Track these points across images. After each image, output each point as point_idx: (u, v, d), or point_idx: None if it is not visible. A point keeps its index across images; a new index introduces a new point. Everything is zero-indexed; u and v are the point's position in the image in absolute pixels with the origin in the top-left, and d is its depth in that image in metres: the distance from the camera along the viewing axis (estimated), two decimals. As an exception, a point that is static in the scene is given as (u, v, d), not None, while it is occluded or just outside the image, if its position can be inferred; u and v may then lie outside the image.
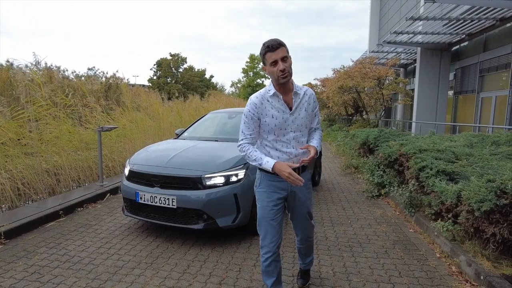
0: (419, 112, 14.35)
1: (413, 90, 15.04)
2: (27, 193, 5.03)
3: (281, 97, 2.14)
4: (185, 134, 4.94)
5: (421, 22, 12.26)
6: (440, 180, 3.66)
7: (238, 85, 48.63)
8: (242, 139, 2.20)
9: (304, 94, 2.22)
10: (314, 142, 2.26)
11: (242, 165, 3.55)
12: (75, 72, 15.61)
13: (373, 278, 2.86)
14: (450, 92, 14.68)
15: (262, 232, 2.25)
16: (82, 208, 4.68)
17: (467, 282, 2.74)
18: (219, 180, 3.41)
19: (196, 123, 5.23)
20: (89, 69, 21.82)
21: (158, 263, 3.11)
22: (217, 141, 4.40)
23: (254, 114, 2.16)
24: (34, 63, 5.46)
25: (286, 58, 2.02)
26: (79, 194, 5.01)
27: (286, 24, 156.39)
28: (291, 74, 2.06)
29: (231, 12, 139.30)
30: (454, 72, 14.41)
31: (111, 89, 14.45)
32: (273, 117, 2.13)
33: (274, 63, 2.01)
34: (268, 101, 2.15)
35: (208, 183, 3.39)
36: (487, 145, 5.14)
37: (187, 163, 3.60)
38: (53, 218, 4.20)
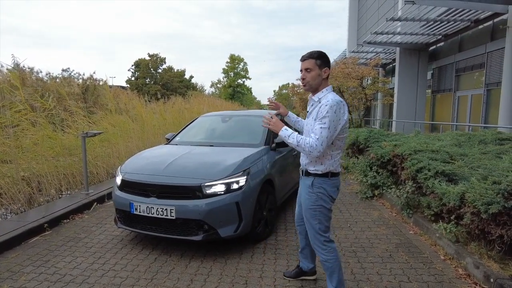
0: (399, 111, 14.69)
1: (392, 89, 15.38)
2: (4, 204, 4.68)
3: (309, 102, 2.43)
4: (177, 139, 4.74)
5: (400, 23, 12.54)
6: (439, 181, 3.68)
7: (219, 85, 48.22)
8: None
9: (318, 102, 2.26)
10: (291, 131, 2.24)
11: (242, 172, 3.42)
12: (49, 73, 14.86)
13: (383, 285, 2.81)
14: (428, 91, 15.11)
15: None
16: (68, 220, 4.40)
17: (476, 285, 2.74)
18: (219, 188, 3.26)
19: (188, 127, 5.03)
20: (63, 70, 20.95)
21: (158, 278, 2.94)
22: (212, 146, 4.23)
23: None
24: (12, 66, 5.06)
25: (309, 70, 2.24)
26: (64, 204, 4.71)
27: (267, 23, 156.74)
28: (310, 85, 2.27)
29: (211, 11, 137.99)
30: (432, 72, 14.85)
31: (88, 91, 13.91)
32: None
33: (301, 71, 2.29)
34: None
35: (208, 191, 3.24)
36: (475, 144, 5.26)
37: (184, 171, 3.43)
38: (37, 232, 3.90)
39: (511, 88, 9.00)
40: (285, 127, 2.23)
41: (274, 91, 62.58)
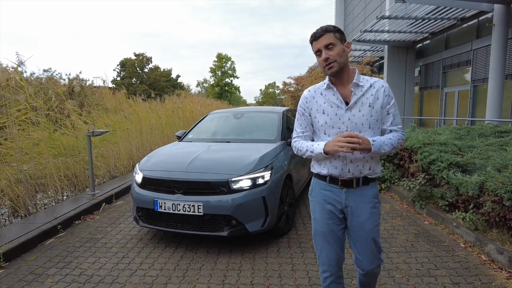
0: (389, 107, 14.98)
1: (381, 86, 15.69)
2: (11, 206, 4.51)
3: (335, 89, 1.83)
4: (190, 136, 4.69)
5: (388, 21, 12.80)
6: (454, 172, 3.80)
7: (205, 84, 47.88)
8: (294, 137, 1.98)
9: (371, 86, 1.82)
10: (376, 137, 1.78)
11: (266, 167, 3.43)
12: (33, 73, 14.37)
13: (413, 273, 2.89)
14: (416, 88, 15.50)
15: (317, 248, 1.97)
16: (80, 221, 4.28)
17: (502, 270, 2.85)
18: (246, 183, 3.26)
19: (199, 124, 4.99)
20: (44, 70, 20.28)
21: (190, 275, 2.91)
22: (229, 142, 4.22)
23: (305, 110, 1.92)
24: (17, 64, 4.84)
25: (331, 46, 1.73)
26: (72, 205, 4.58)
27: (249, 20, 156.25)
28: (339, 63, 1.74)
29: (191, 8, 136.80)
30: (419, 69, 15.24)
31: (75, 91, 13.57)
32: (324, 113, 1.83)
33: (319, 52, 1.77)
34: (321, 94, 1.87)
35: (235, 186, 3.23)
36: (476, 137, 5.44)
37: (209, 167, 3.41)
38: (51, 234, 3.79)
39: (498, 84, 9.36)
40: (370, 138, 1.75)
41: (261, 90, 62.73)
